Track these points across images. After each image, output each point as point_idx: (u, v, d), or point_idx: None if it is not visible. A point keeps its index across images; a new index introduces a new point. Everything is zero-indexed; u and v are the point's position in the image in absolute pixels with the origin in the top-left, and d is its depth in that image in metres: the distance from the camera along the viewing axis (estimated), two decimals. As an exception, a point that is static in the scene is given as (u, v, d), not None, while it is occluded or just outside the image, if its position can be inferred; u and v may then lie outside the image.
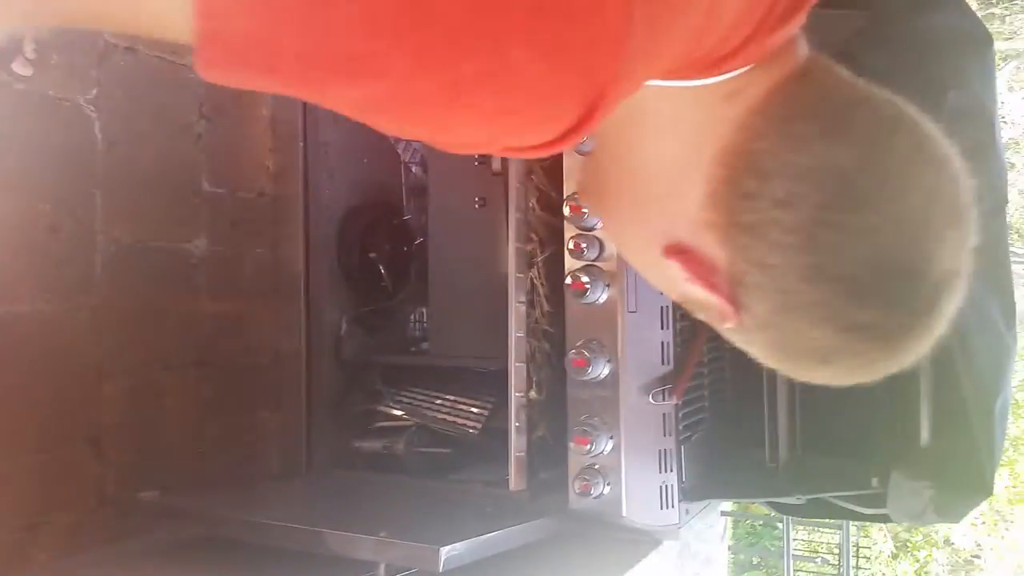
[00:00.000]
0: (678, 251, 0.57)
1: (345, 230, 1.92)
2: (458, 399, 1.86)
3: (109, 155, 1.59)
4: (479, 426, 1.81)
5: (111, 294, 1.58)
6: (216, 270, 1.80)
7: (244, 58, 0.39)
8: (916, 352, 0.57)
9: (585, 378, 1.34)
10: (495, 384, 1.80)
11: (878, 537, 6.70)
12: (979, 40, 1.33)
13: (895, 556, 6.78)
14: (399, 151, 2.07)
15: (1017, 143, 6.21)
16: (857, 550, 4.81)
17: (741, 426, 1.57)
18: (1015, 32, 5.98)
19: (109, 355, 1.58)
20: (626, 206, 0.62)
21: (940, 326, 0.56)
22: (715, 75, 0.53)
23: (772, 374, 1.58)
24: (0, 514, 1.40)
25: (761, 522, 6.33)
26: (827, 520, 4.73)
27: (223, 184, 1.82)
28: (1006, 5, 5.94)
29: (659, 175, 0.58)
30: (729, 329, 0.59)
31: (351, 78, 0.40)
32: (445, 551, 1.09)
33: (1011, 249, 1.33)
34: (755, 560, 6.39)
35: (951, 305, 0.55)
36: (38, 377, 1.47)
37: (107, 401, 1.58)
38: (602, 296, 1.34)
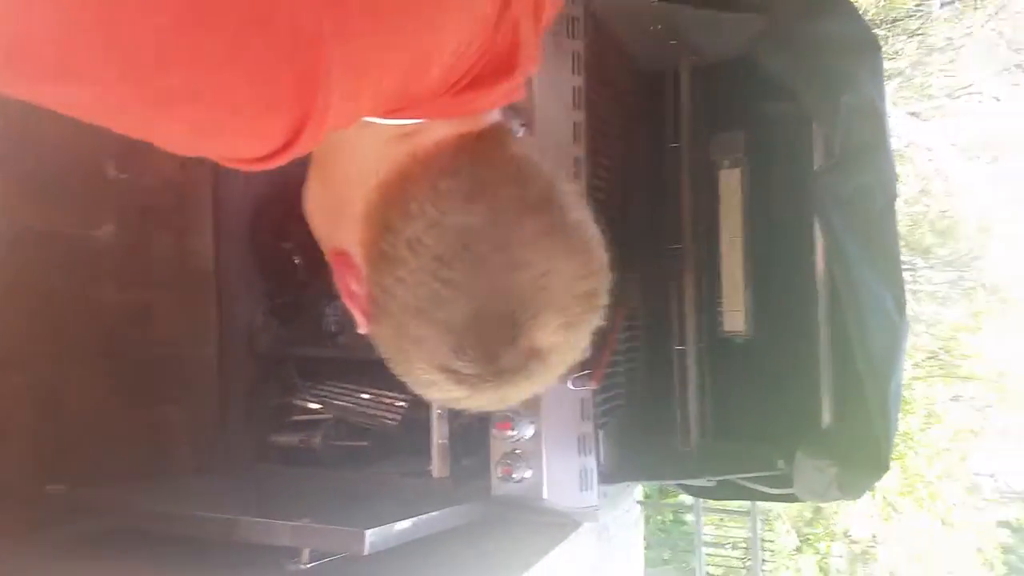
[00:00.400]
0: (337, 256, 0.65)
1: (258, 219, 1.88)
2: (376, 392, 1.86)
3: (7, 136, 1.51)
4: (398, 418, 1.81)
5: (11, 280, 1.50)
6: (123, 259, 1.73)
7: None
8: (503, 401, 0.63)
9: (506, 365, 1.36)
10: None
11: (781, 530, 7.01)
12: (869, 45, 1.44)
13: (798, 549, 7.12)
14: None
15: (901, 155, 6.65)
16: (762, 544, 5.03)
17: (655, 412, 1.64)
18: (897, 52, 6.40)
19: (10, 345, 1.50)
20: (322, 213, 0.70)
21: (526, 388, 0.62)
22: (394, 119, 0.59)
23: (683, 364, 1.65)
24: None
25: (671, 518, 6.53)
26: (735, 511, 4.94)
27: (129, 169, 1.76)
28: (888, 27, 6.36)
29: (342, 191, 0.65)
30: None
31: (58, 81, 0.43)
32: (370, 534, 1.09)
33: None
34: (666, 556, 6.58)
35: (540, 375, 0.61)
36: None
37: (9, 393, 1.50)
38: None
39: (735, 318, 1.63)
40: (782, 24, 1.45)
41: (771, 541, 6.75)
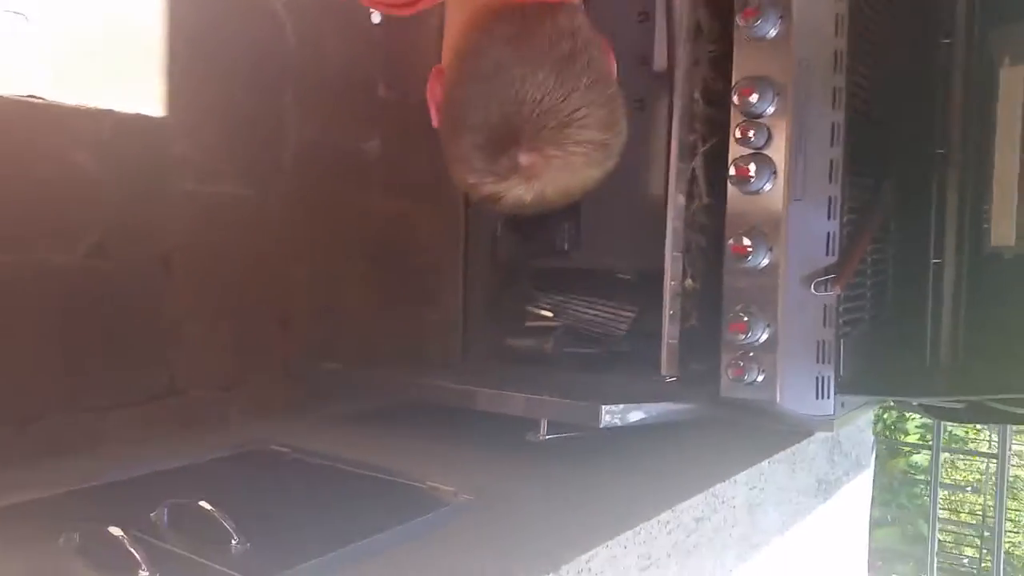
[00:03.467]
0: (436, 70, 0.82)
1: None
2: (606, 303, 1.91)
3: (298, 54, 1.72)
4: (625, 328, 1.86)
5: (298, 184, 1.73)
6: (388, 170, 1.92)
7: None
8: (510, 199, 0.75)
9: (744, 265, 1.35)
10: (642, 292, 1.83)
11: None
12: None
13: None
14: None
15: None
16: (1007, 514, 4.49)
17: (903, 327, 1.54)
18: None
19: (296, 241, 1.73)
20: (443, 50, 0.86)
21: (525, 192, 0.74)
22: None
23: (939, 278, 1.53)
24: (200, 375, 1.59)
25: (902, 473, 6.05)
26: (978, 464, 4.42)
27: (397, 89, 1.93)
28: None
29: (449, 30, 0.84)
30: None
31: None
32: (605, 409, 1.15)
33: None
34: (889, 517, 6.13)
35: (532, 188, 0.73)
36: (233, 255, 1.64)
37: (294, 282, 1.74)
38: (767, 184, 1.34)
39: (1004, 230, 1.48)
40: None
41: (1018, 511, 6.01)
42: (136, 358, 1.48)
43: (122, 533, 0.86)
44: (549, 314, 1.96)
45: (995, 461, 4.12)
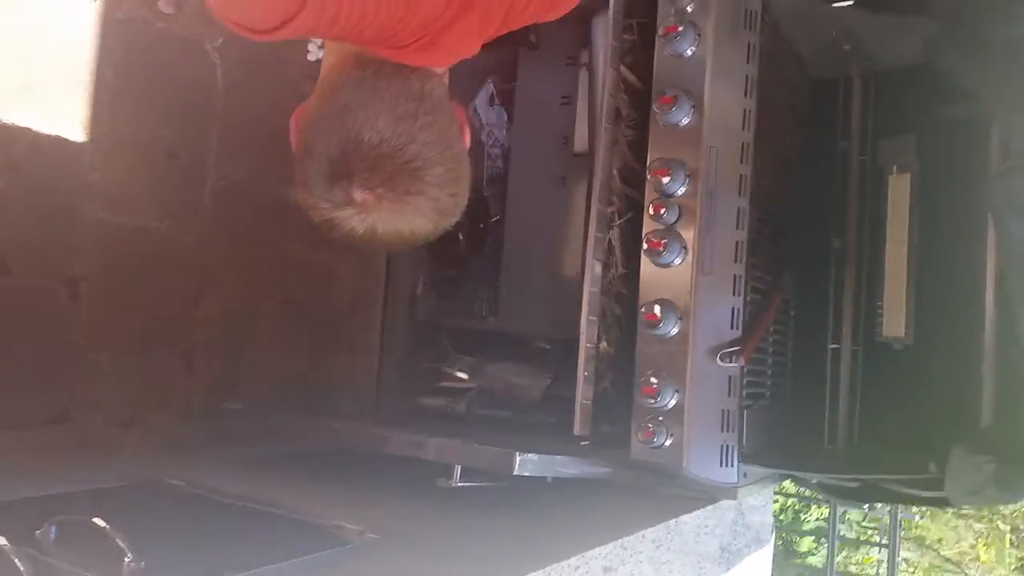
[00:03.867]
0: (300, 107, 0.92)
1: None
2: (522, 368, 1.94)
3: (227, 98, 1.73)
4: (539, 395, 1.88)
5: (217, 224, 1.71)
6: (309, 218, 1.92)
7: None
8: (349, 226, 0.85)
9: (656, 332, 1.41)
10: (557, 360, 1.87)
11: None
12: None
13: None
14: (482, 137, 2.20)
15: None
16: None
17: (801, 406, 1.62)
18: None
19: (209, 279, 1.70)
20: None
21: (356, 225, 0.84)
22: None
23: (836, 363, 1.64)
24: (99, 405, 1.51)
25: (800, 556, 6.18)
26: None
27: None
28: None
29: (321, 74, 0.94)
30: None
31: None
32: (520, 455, 1.16)
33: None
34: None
35: (362, 220, 0.83)
36: (143, 288, 1.59)
37: (201, 321, 1.69)
38: (677, 259, 1.41)
39: (895, 322, 1.60)
40: (964, 27, 1.45)
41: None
42: (33, 380, 1.40)
43: (7, 543, 0.80)
44: (464, 376, 1.97)
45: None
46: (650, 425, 1.39)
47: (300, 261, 1.90)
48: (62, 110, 1.46)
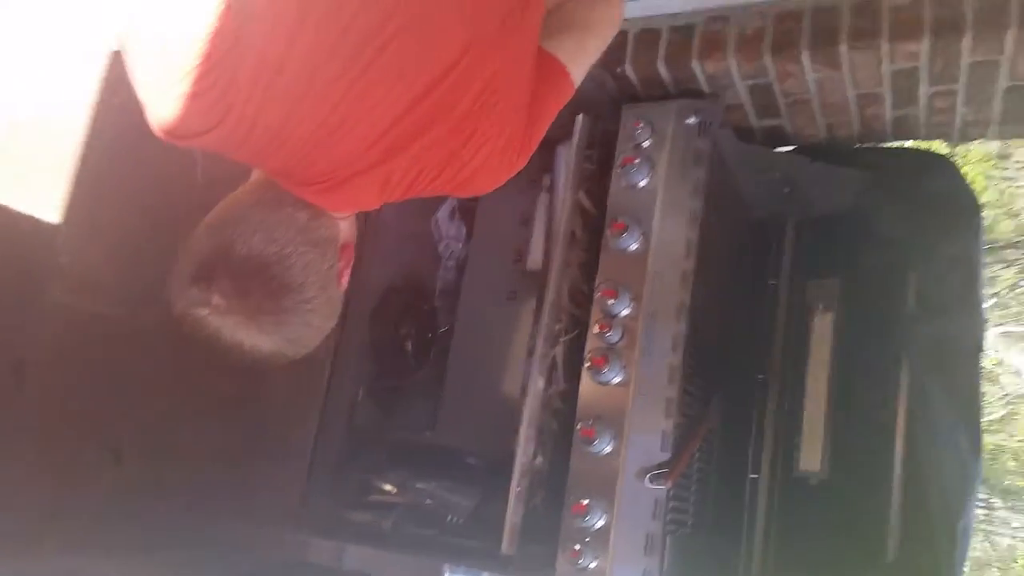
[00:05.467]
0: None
1: (383, 304, 2.08)
2: (451, 484, 1.93)
3: (204, 195, 1.76)
4: (466, 514, 1.86)
5: (170, 317, 1.71)
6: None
7: None
8: (214, 330, 0.90)
9: (590, 449, 1.45)
10: (491, 476, 1.88)
11: None
12: (971, 205, 1.57)
13: None
14: (439, 249, 2.28)
15: (989, 374, 6.42)
16: None
17: (720, 534, 1.65)
18: (995, 277, 6.42)
19: (154, 372, 1.68)
20: None
21: (217, 329, 0.90)
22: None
23: (754, 494, 1.69)
24: (21, 497, 1.46)
25: None
26: None
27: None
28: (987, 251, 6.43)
29: None
30: None
31: None
32: (448, 567, 1.16)
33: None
34: None
35: (221, 326, 0.89)
36: (91, 375, 1.57)
37: (140, 414, 1.66)
38: (617, 377, 1.47)
39: (812, 456, 1.67)
40: (892, 180, 1.60)
41: None
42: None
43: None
44: (393, 490, 1.94)
45: None
46: (577, 546, 1.41)
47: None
48: (41, 192, 1.48)
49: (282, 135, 0.85)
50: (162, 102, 0.81)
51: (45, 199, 1.49)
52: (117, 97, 1.58)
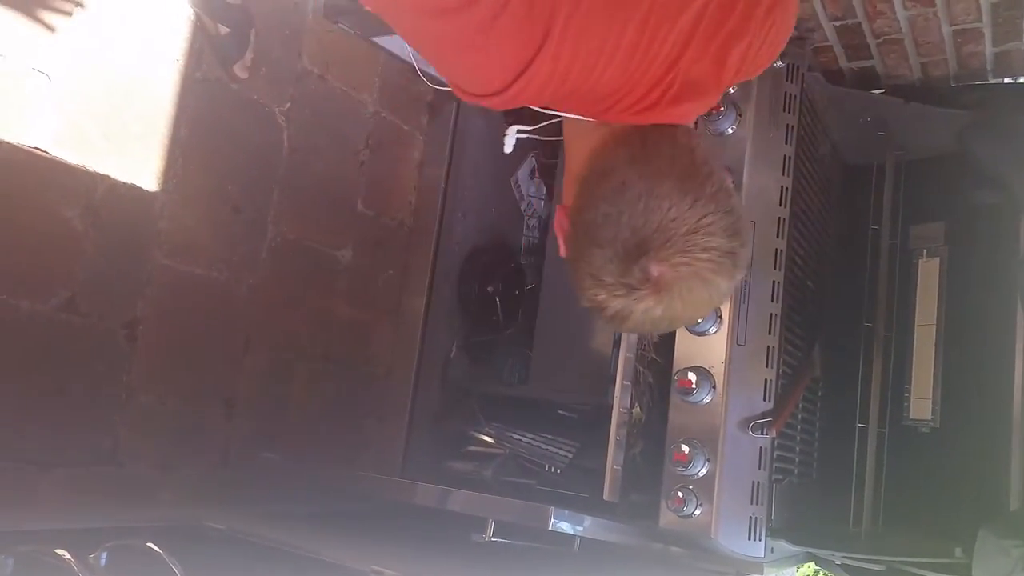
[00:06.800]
0: (559, 208, 0.89)
1: (468, 264, 2.11)
2: (548, 437, 1.96)
3: (290, 160, 1.83)
4: (565, 464, 1.89)
5: (269, 277, 1.78)
6: (355, 280, 1.99)
7: None
8: (639, 319, 0.79)
9: (689, 399, 1.44)
10: (584, 430, 1.90)
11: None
12: None
13: None
14: (522, 208, 2.28)
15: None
16: None
17: (828, 484, 1.63)
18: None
19: (256, 330, 1.76)
20: (565, 187, 0.93)
21: (653, 310, 0.78)
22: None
23: (862, 444, 1.65)
24: (142, 448, 1.56)
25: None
26: None
27: (373, 208, 2.05)
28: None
29: (571, 167, 0.90)
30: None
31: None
32: (554, 510, 1.18)
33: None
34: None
35: (662, 301, 0.77)
36: (195, 333, 1.66)
37: (247, 369, 1.75)
38: (713, 327, 1.45)
39: (922, 406, 1.62)
40: (997, 117, 1.52)
41: None
42: (85, 420, 1.46)
43: (69, 556, 0.84)
44: (491, 441, 1.99)
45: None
46: (680, 493, 1.41)
47: (340, 318, 1.97)
48: (140, 161, 1.56)
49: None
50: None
51: (144, 169, 1.56)
52: (200, 72, 1.64)
